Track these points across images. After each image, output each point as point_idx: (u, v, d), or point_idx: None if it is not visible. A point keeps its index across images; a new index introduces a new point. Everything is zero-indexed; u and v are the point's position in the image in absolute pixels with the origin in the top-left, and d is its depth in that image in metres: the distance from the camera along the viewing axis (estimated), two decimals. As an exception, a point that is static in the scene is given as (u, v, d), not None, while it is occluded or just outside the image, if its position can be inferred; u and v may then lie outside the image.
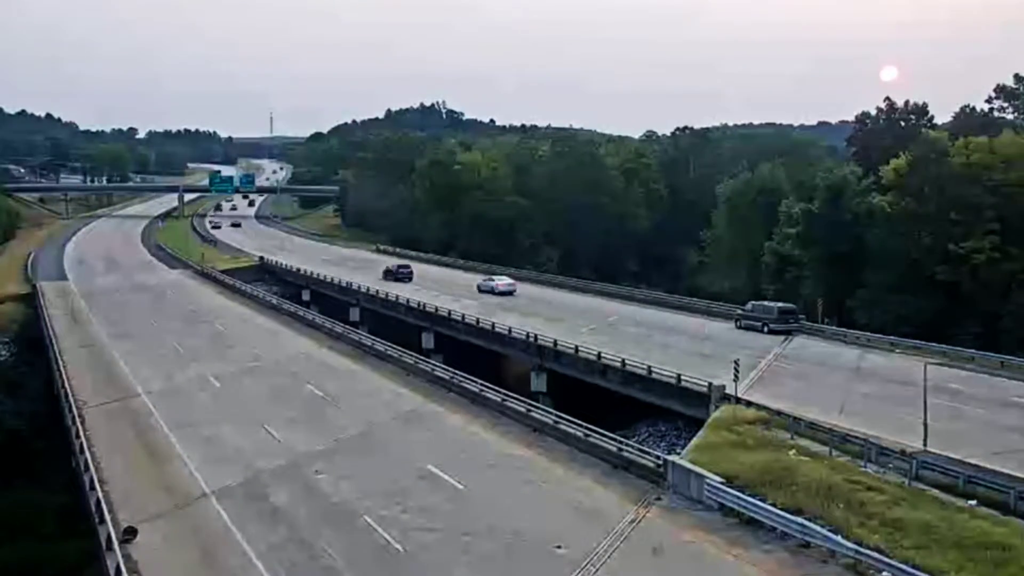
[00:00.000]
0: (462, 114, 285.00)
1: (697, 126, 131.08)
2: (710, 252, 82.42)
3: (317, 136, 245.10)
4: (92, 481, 24.50)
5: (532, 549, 20.62)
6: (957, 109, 78.32)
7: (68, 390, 36.00)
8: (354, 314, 63.44)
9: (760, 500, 21.42)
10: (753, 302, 49.66)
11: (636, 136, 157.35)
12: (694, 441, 27.28)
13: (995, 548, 18.38)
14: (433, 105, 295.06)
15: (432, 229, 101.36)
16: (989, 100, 74.51)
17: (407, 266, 72.51)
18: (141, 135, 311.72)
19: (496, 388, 34.12)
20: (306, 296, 72.37)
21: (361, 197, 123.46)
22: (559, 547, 20.49)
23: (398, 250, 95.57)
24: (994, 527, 19.56)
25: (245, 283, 69.91)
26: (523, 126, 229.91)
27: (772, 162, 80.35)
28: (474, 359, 44.91)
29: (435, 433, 30.75)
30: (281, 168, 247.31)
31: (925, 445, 24.87)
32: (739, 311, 48.45)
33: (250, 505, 23.91)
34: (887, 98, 73.99)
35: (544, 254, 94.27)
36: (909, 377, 31.75)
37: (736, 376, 31.42)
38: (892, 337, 42.69)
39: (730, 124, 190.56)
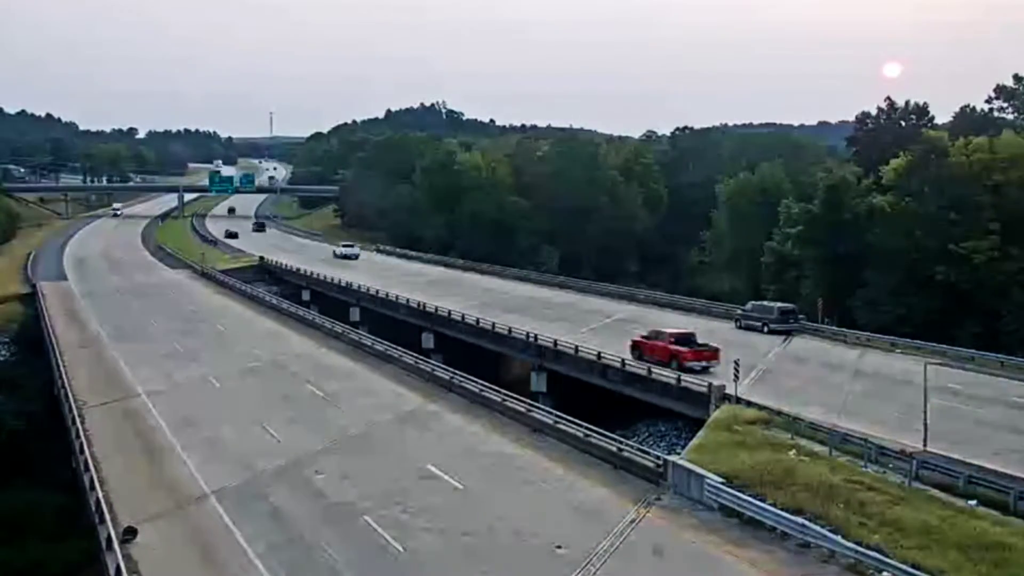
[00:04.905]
0: (462, 114, 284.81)
1: (697, 126, 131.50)
2: (710, 252, 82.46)
3: (317, 136, 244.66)
4: (92, 481, 24.51)
5: (532, 549, 20.62)
6: (957, 109, 78.41)
7: (68, 390, 36.01)
8: (354, 314, 63.41)
9: (760, 500, 21.42)
10: (753, 302, 49.66)
11: (636, 136, 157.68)
12: (694, 441, 27.26)
13: (995, 548, 18.38)
14: (433, 105, 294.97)
15: (432, 229, 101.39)
16: (989, 100, 74.49)
17: None
18: (141, 135, 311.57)
19: (496, 388, 34.11)
20: (306, 296, 72.30)
21: (361, 197, 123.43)
22: (559, 547, 20.49)
23: (398, 250, 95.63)
24: (994, 527, 19.57)
25: (245, 283, 69.92)
26: (523, 126, 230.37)
27: (772, 162, 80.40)
28: (474, 359, 44.88)
29: (435, 433, 30.75)
30: (276, 168, 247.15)
31: (925, 445, 24.86)
32: (739, 311, 48.44)
33: (250, 505, 23.90)
34: (887, 98, 74.04)
35: (544, 254, 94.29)
36: (909, 377, 31.75)
37: (736, 376, 31.42)
38: (892, 337, 42.68)
39: (730, 124, 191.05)
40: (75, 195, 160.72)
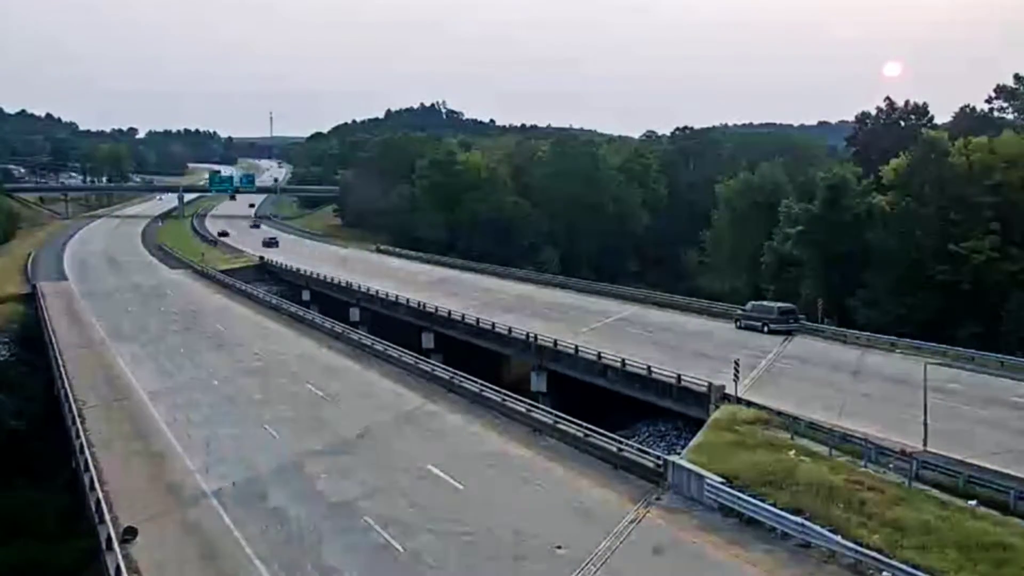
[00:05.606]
0: (462, 114, 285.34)
1: (697, 126, 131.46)
2: (710, 252, 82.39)
3: (317, 136, 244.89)
4: (92, 481, 24.51)
5: (532, 549, 20.62)
6: (957, 109, 78.44)
7: (68, 390, 36.01)
8: (354, 314, 63.45)
9: (760, 500, 21.43)
10: (753, 302, 49.63)
11: (636, 136, 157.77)
12: (694, 441, 27.28)
13: (995, 548, 18.38)
14: (433, 105, 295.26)
15: (432, 229, 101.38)
16: (989, 100, 74.65)
17: None
18: (141, 135, 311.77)
19: (496, 388, 34.14)
20: (306, 296, 72.36)
21: (361, 197, 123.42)
22: (559, 547, 20.50)
23: (398, 250, 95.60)
24: (994, 527, 19.56)
25: (245, 283, 69.95)
26: (523, 126, 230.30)
27: (772, 162, 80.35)
28: (474, 359, 44.90)
29: (435, 433, 30.75)
30: (280, 166, 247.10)
31: (925, 445, 24.86)
32: (739, 311, 48.42)
33: (250, 505, 23.90)
34: (887, 98, 74.10)
35: (544, 254, 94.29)
36: (909, 377, 31.75)
37: (736, 376, 31.41)
38: (892, 337, 42.64)
39: (730, 124, 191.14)
40: (75, 195, 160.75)
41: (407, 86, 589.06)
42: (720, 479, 22.64)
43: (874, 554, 18.25)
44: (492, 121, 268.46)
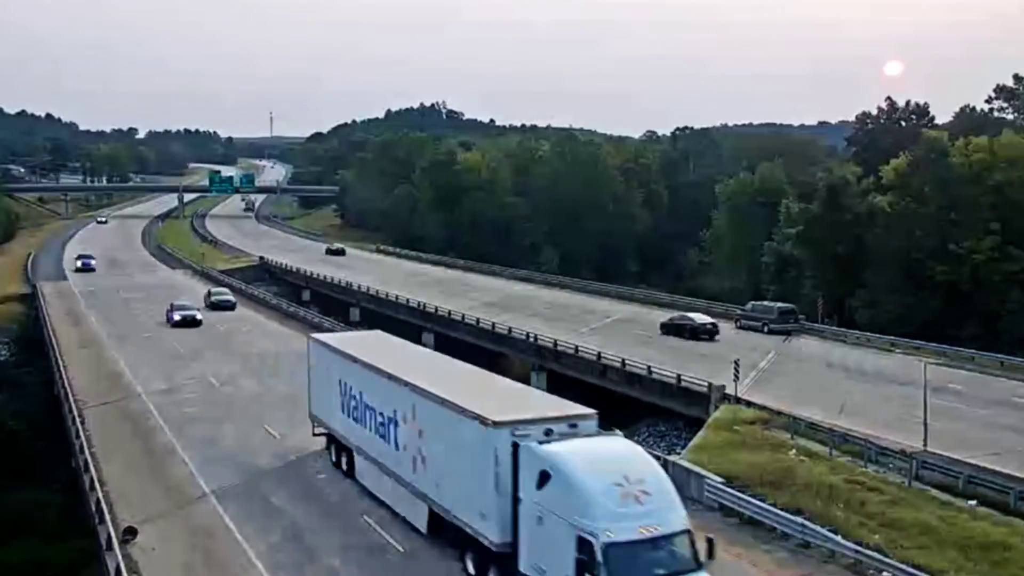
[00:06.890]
0: (462, 114, 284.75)
1: (697, 126, 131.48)
2: (710, 252, 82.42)
3: (317, 136, 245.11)
4: (92, 481, 24.47)
5: (532, 549, 20.57)
6: (957, 109, 78.48)
7: (68, 390, 35.97)
8: (354, 314, 63.51)
9: (760, 500, 21.42)
10: (753, 302, 49.73)
11: (636, 136, 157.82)
12: (694, 441, 27.29)
13: (995, 548, 18.39)
14: (433, 105, 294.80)
15: (432, 229, 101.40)
16: (989, 100, 74.68)
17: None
18: (141, 135, 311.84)
19: (496, 388, 33.99)
20: (306, 296, 72.43)
21: (361, 197, 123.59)
22: (559, 547, 20.44)
23: (398, 250, 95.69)
24: (994, 527, 19.58)
25: (245, 283, 69.93)
26: (523, 126, 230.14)
27: (772, 162, 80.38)
28: (474, 359, 44.73)
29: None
30: (277, 168, 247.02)
31: (925, 445, 24.87)
32: (739, 311, 48.48)
33: (250, 505, 23.87)
34: (887, 98, 74.28)
35: (544, 254, 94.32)
36: (909, 377, 31.76)
37: (736, 376, 31.43)
38: (892, 337, 42.72)
39: (730, 124, 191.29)
40: (75, 195, 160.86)
41: (407, 86, 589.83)
42: (720, 479, 22.64)
43: (874, 554, 18.25)
44: (492, 121, 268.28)
